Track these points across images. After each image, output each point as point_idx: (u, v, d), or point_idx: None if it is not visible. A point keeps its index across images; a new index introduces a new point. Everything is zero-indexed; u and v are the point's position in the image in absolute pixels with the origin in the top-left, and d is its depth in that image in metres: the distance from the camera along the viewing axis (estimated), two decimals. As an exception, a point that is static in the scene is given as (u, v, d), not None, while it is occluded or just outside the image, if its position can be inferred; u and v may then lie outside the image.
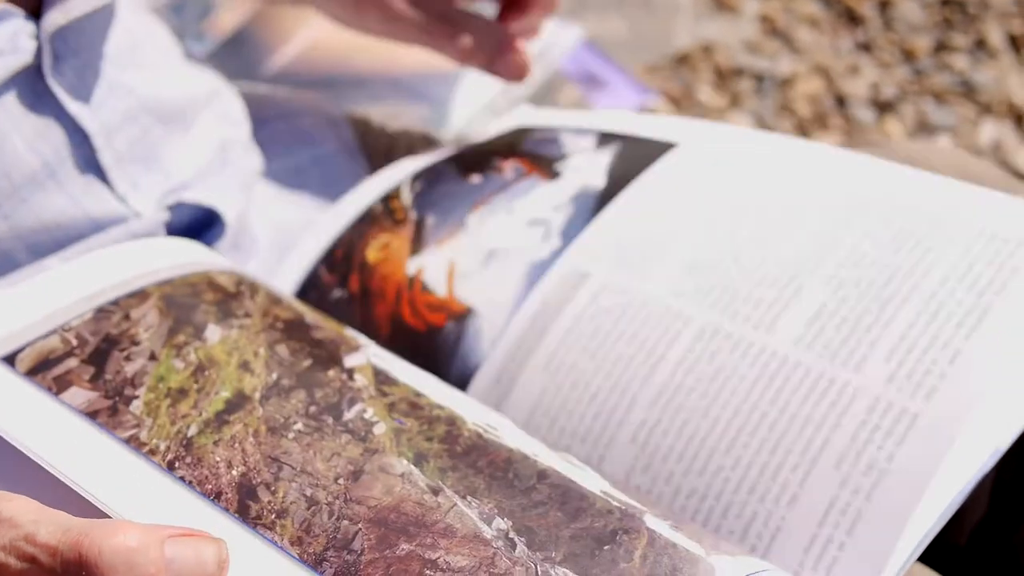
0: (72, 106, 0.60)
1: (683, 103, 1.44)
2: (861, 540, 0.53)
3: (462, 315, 0.64)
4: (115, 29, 0.64)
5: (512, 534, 0.45)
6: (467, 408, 0.53)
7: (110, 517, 0.44)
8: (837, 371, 0.56)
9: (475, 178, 0.71)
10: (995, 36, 1.51)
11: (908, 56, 1.50)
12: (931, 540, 0.53)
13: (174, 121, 0.66)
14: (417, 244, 0.68)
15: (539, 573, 0.44)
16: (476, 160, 0.72)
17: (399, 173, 0.73)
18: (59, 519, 0.42)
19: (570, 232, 0.65)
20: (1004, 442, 0.55)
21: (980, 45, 1.50)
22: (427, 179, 0.72)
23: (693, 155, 0.68)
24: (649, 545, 0.46)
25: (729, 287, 0.60)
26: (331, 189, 0.77)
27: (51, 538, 0.42)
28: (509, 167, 0.71)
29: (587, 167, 0.69)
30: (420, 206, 0.70)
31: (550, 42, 1.41)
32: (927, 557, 0.62)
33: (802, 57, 1.49)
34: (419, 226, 0.69)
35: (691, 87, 1.46)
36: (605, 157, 0.70)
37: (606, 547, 0.46)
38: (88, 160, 0.62)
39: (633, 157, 0.69)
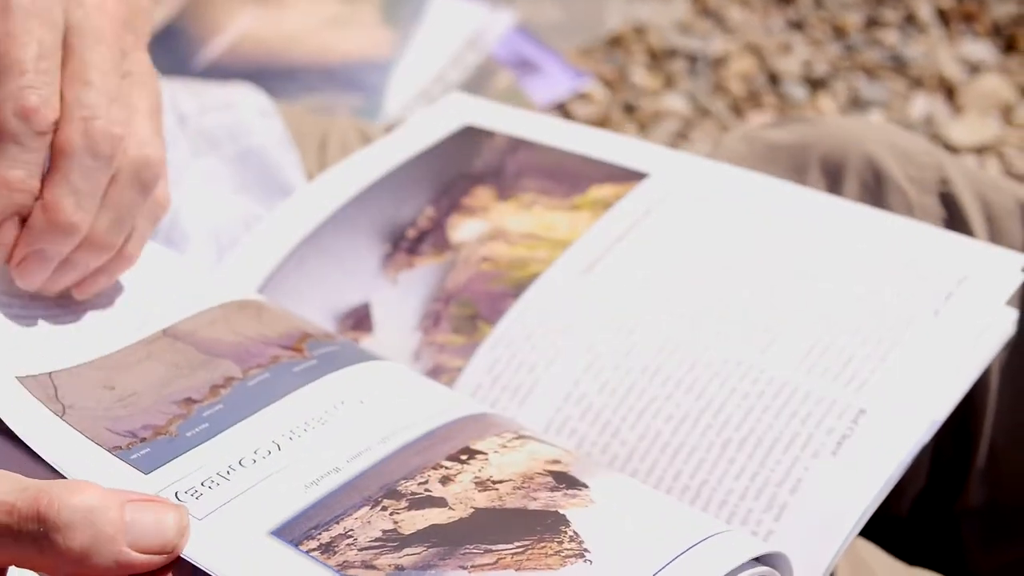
0: None
1: (617, 85, 1.44)
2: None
3: None
4: None
5: None
6: None
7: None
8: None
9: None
10: (924, 11, 1.52)
11: (839, 33, 1.51)
12: (872, 512, 0.53)
13: None
14: None
15: None
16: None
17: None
18: (14, 478, 0.41)
19: None
20: (940, 415, 0.56)
21: (910, 20, 1.52)
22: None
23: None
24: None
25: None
26: (263, 182, 0.76)
27: (7, 495, 0.41)
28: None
29: None
30: None
31: (483, 27, 1.41)
32: (870, 529, 0.63)
33: (734, 36, 1.50)
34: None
35: (625, 69, 1.46)
36: None
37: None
38: None
39: None
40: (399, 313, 0.64)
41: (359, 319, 0.64)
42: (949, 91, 1.43)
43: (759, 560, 0.47)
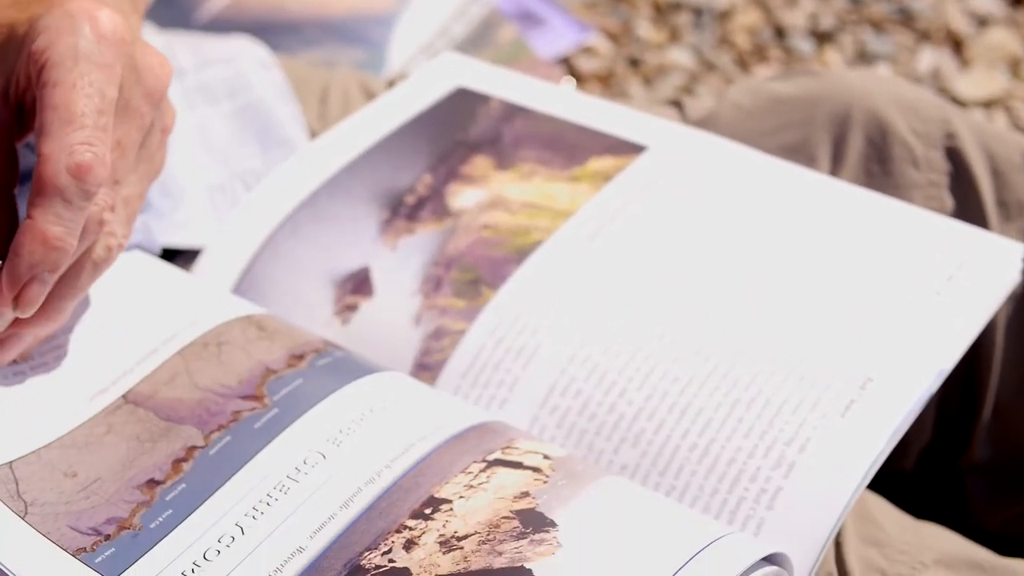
0: None
1: (621, 39, 1.43)
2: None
3: None
4: None
5: None
6: None
7: None
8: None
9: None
10: (931, -38, 1.51)
11: (845, -15, 1.50)
12: (879, 467, 0.53)
13: None
14: None
15: None
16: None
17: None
18: None
19: None
20: (948, 364, 0.56)
21: (917, -28, 1.51)
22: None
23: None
24: None
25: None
26: (262, 137, 0.75)
27: None
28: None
29: None
30: None
31: (486, -19, 1.40)
32: (876, 484, 0.63)
33: (740, -11, 1.49)
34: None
35: (629, 22, 1.45)
36: None
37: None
38: None
39: None
40: (399, 278, 0.64)
41: (359, 283, 0.64)
42: (957, 44, 1.42)
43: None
